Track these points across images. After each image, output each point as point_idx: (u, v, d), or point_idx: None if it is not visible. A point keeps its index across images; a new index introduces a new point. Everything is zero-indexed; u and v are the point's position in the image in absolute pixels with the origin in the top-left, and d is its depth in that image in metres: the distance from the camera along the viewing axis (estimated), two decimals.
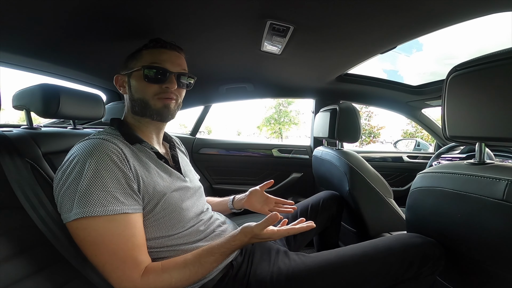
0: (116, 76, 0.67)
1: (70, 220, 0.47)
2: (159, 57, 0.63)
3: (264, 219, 0.56)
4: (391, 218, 1.08)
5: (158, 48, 0.64)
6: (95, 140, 0.54)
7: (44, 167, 0.58)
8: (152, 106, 0.62)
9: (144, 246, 0.53)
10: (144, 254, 0.52)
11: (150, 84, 0.62)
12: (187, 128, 1.99)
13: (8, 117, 7.64)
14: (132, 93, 0.64)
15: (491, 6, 0.71)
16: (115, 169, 0.51)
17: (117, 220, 0.49)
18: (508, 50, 0.47)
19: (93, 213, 0.46)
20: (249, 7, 0.74)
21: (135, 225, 0.51)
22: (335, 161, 1.17)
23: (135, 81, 0.63)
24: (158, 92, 0.62)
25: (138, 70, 0.62)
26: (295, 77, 1.47)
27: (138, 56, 0.64)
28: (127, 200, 0.51)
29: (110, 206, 0.48)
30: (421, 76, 26.20)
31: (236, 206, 0.87)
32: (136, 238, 0.51)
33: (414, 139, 2.11)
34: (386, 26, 0.82)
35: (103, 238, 0.48)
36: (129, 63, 0.65)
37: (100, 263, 0.48)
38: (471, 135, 0.55)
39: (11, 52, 0.90)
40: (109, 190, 0.49)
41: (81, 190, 0.47)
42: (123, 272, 0.48)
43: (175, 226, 0.60)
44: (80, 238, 0.48)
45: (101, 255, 0.48)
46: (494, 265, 0.55)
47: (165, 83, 0.62)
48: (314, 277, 0.59)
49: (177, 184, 0.63)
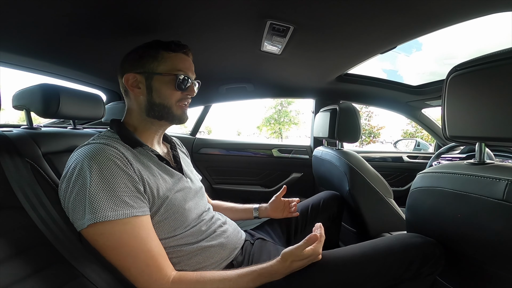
0: (128, 75, 0.61)
1: (85, 227, 0.47)
2: (183, 64, 0.64)
3: (304, 240, 0.55)
4: (391, 218, 1.08)
5: (180, 53, 0.64)
6: (96, 145, 0.54)
7: (44, 167, 0.58)
8: (174, 112, 0.63)
9: (162, 249, 0.53)
10: (166, 259, 0.52)
11: (176, 91, 0.62)
12: (187, 128, 1.99)
13: (8, 117, 7.64)
14: (152, 96, 0.62)
15: (491, 6, 0.71)
16: (120, 172, 0.51)
17: (130, 223, 0.49)
18: (508, 50, 0.47)
19: (105, 218, 0.47)
20: (249, 7, 0.74)
21: (147, 226, 0.52)
22: (335, 161, 1.17)
23: (160, 84, 0.61)
24: (180, 99, 0.64)
25: (167, 75, 0.61)
26: (295, 77, 1.48)
27: (159, 58, 0.61)
28: (136, 203, 0.51)
29: (120, 210, 0.48)
30: (421, 76, 26.20)
31: (262, 216, 0.92)
32: (152, 240, 0.51)
33: (414, 139, 2.11)
34: (386, 26, 0.82)
35: (121, 241, 0.48)
36: (147, 63, 0.61)
37: (126, 268, 0.49)
38: (471, 135, 0.55)
39: (11, 52, 0.90)
40: (117, 194, 0.49)
41: (90, 196, 0.47)
42: (149, 276, 0.49)
43: (178, 227, 0.60)
44: (100, 244, 0.49)
45: (123, 259, 0.49)
46: (494, 265, 0.55)
47: (187, 91, 0.64)
48: (314, 277, 0.59)
49: (179, 185, 0.63)
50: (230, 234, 0.70)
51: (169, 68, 0.62)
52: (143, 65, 0.61)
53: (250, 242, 0.75)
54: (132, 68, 0.62)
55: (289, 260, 0.55)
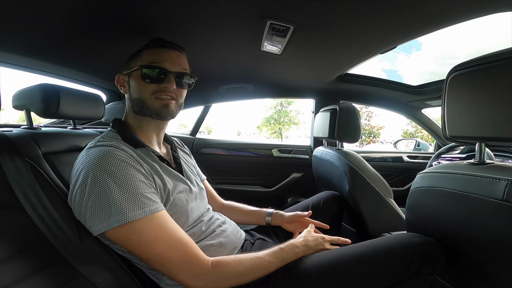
0: (117, 76, 0.67)
1: (112, 228, 0.47)
2: (159, 56, 0.62)
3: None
4: (391, 218, 1.08)
5: (158, 48, 0.64)
6: (104, 148, 0.54)
7: (44, 167, 0.58)
8: (150, 106, 0.62)
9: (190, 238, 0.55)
10: (196, 246, 0.54)
11: (148, 83, 0.61)
12: (187, 128, 1.99)
13: (8, 117, 7.64)
14: (131, 92, 0.64)
15: (491, 6, 0.71)
16: (136, 172, 0.52)
17: (158, 217, 0.51)
18: (508, 50, 0.47)
19: (134, 217, 0.47)
20: (249, 7, 0.74)
21: (170, 218, 0.54)
22: (335, 161, 1.17)
23: (133, 80, 0.63)
24: (155, 91, 0.62)
25: (137, 70, 0.62)
26: (295, 77, 1.48)
27: (138, 56, 0.64)
28: (156, 198, 0.53)
29: (147, 208, 0.50)
30: (420, 75, 26.19)
31: (274, 223, 0.88)
32: (180, 230, 0.53)
33: (414, 139, 2.11)
34: (386, 26, 0.82)
35: (156, 234, 0.49)
36: (130, 63, 0.65)
37: (167, 260, 0.50)
38: (471, 135, 0.55)
39: (11, 52, 0.90)
40: (140, 192, 0.50)
41: (113, 199, 0.47)
42: (190, 263, 0.51)
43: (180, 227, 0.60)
44: (135, 242, 0.49)
45: (163, 252, 0.49)
46: (494, 265, 0.55)
47: (163, 83, 0.61)
48: (314, 277, 0.59)
49: (180, 186, 0.64)
50: (230, 234, 0.70)
51: (141, 63, 0.62)
52: (127, 65, 0.65)
53: (250, 242, 0.75)
54: (121, 70, 0.67)
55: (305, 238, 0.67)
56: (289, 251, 0.62)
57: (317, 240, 0.68)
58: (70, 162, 0.58)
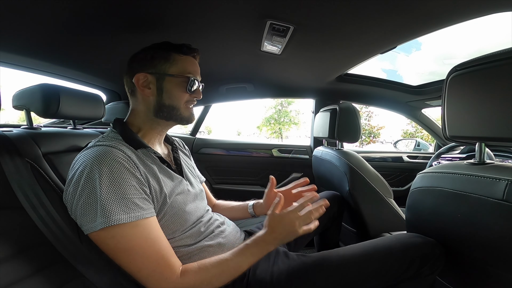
0: (139, 74, 0.60)
1: (97, 230, 0.47)
2: (192, 67, 0.65)
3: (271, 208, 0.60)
4: (391, 218, 1.08)
5: (191, 57, 0.66)
6: (103, 147, 0.53)
7: (44, 167, 0.58)
8: (182, 114, 0.64)
9: (170, 248, 0.54)
10: (174, 256, 0.53)
11: (186, 93, 0.63)
12: (187, 128, 1.99)
13: (8, 117, 7.64)
14: (163, 97, 0.62)
15: (491, 6, 0.71)
16: (129, 175, 0.51)
17: (141, 225, 0.50)
18: (508, 50, 0.47)
19: (118, 221, 0.47)
20: (249, 7, 0.74)
21: (156, 227, 0.53)
22: (335, 161, 1.17)
23: (171, 86, 0.62)
24: (188, 101, 0.65)
25: (178, 77, 0.62)
26: (295, 77, 1.48)
27: (171, 60, 0.62)
28: (145, 204, 0.52)
29: (132, 213, 0.49)
30: (420, 75, 26.21)
31: (258, 213, 0.86)
32: (161, 240, 0.52)
33: (414, 139, 2.11)
34: (386, 26, 0.82)
35: (133, 243, 0.49)
36: (159, 64, 0.61)
37: (136, 269, 0.49)
38: (471, 135, 0.55)
39: (11, 52, 0.90)
40: (128, 197, 0.49)
41: (101, 200, 0.47)
42: (160, 274, 0.50)
43: (177, 229, 0.60)
44: (111, 247, 0.49)
45: (135, 261, 0.49)
46: (494, 265, 0.55)
47: (195, 94, 0.66)
48: (314, 277, 0.59)
49: (179, 188, 0.63)
50: (229, 234, 0.70)
51: (180, 71, 0.62)
52: (155, 65, 0.61)
53: None
54: (143, 68, 0.61)
55: (269, 225, 0.58)
56: (257, 244, 0.57)
57: (283, 221, 0.58)
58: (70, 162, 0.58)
